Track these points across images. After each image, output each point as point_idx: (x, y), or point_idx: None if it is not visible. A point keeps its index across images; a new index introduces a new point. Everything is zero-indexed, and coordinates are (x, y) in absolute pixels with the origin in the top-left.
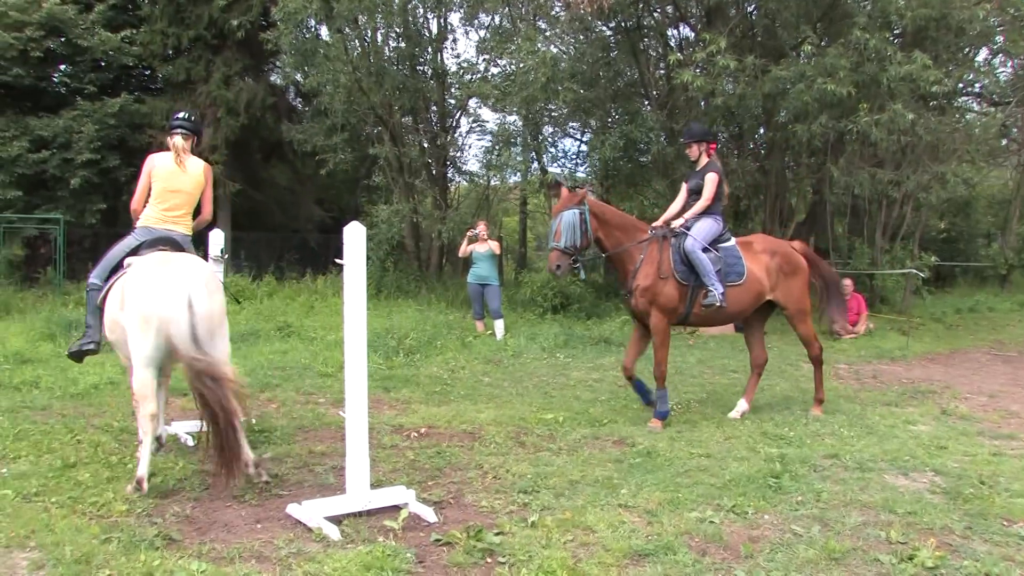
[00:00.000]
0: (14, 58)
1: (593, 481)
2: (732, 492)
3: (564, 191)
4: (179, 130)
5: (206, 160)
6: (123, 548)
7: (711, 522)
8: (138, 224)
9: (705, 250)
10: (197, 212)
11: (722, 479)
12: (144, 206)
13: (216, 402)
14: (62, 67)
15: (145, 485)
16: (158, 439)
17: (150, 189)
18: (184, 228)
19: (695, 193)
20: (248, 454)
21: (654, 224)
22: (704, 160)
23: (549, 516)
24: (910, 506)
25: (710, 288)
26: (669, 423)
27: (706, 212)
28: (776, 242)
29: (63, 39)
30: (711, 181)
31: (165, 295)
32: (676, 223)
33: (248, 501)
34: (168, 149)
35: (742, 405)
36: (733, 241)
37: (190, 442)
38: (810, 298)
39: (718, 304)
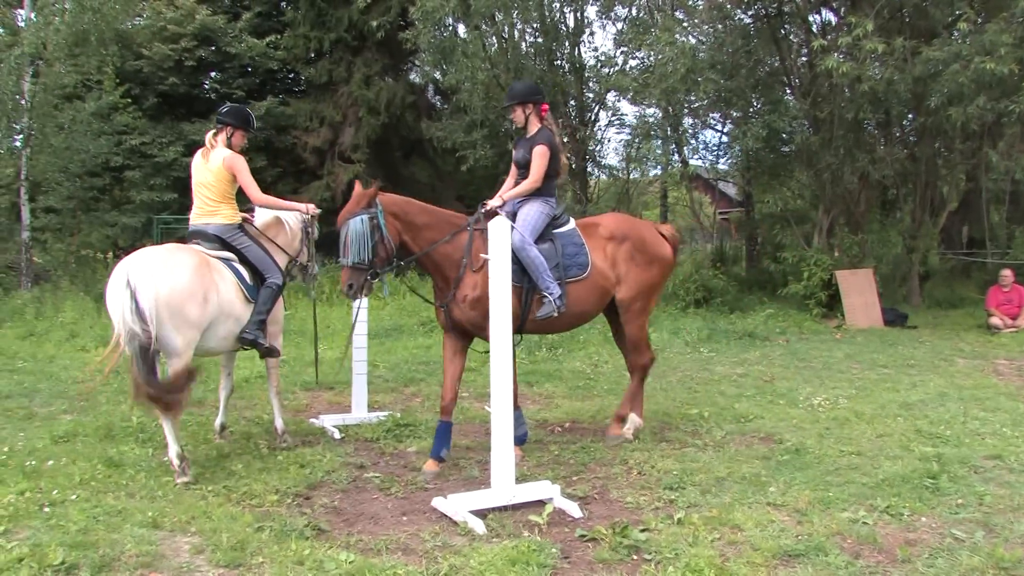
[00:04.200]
0: (170, 68)
1: (740, 478)
2: (886, 492)
3: (357, 187)
4: (218, 124)
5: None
6: (275, 537)
7: (864, 523)
8: None
9: (537, 241)
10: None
11: (875, 478)
12: None
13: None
14: (212, 74)
15: None
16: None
17: None
18: (222, 218)
19: (524, 167)
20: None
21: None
22: (534, 126)
23: (696, 513)
24: None
25: (544, 293)
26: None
27: (534, 193)
28: (631, 224)
29: (213, 48)
30: (540, 156)
31: (112, 289)
32: (492, 203)
33: (394, 494)
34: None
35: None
36: (572, 224)
37: (337, 435)
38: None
39: (556, 314)
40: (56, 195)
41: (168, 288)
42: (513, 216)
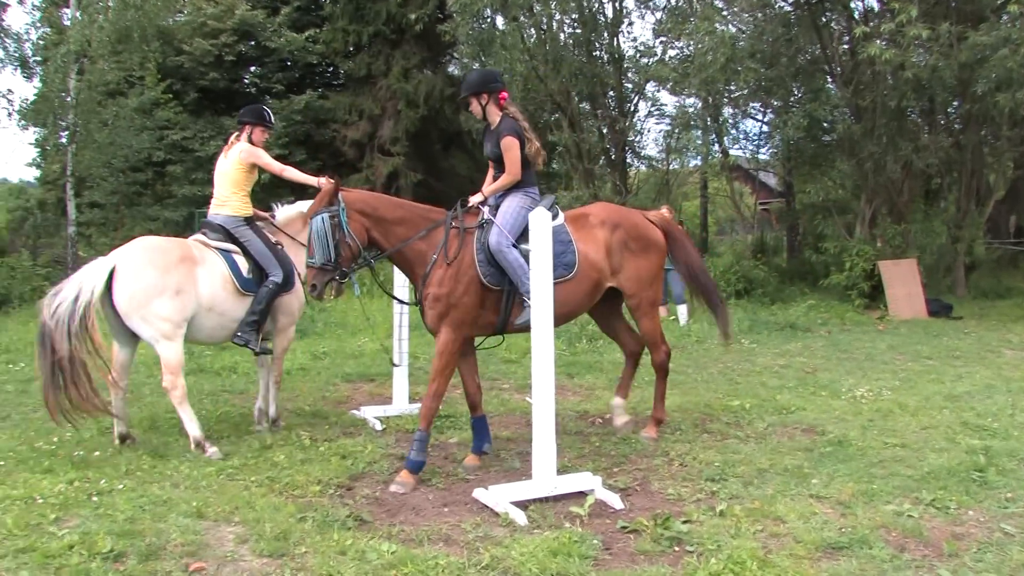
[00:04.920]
0: (211, 64)
1: (782, 470)
2: (931, 485)
3: (326, 183)
4: (239, 124)
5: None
6: (317, 527)
7: (909, 516)
8: None
9: (521, 240)
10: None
11: (920, 471)
12: None
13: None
14: (252, 69)
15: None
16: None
17: None
18: (230, 210)
19: (496, 162)
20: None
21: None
22: (495, 116)
23: (738, 505)
24: None
25: (526, 298)
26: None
27: (515, 185)
28: (621, 212)
29: (253, 43)
30: (510, 148)
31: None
32: (474, 199)
33: (435, 485)
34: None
35: (618, 402)
36: (561, 218)
37: (378, 427)
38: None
39: None
40: (100, 190)
41: (130, 288)
42: (496, 210)
